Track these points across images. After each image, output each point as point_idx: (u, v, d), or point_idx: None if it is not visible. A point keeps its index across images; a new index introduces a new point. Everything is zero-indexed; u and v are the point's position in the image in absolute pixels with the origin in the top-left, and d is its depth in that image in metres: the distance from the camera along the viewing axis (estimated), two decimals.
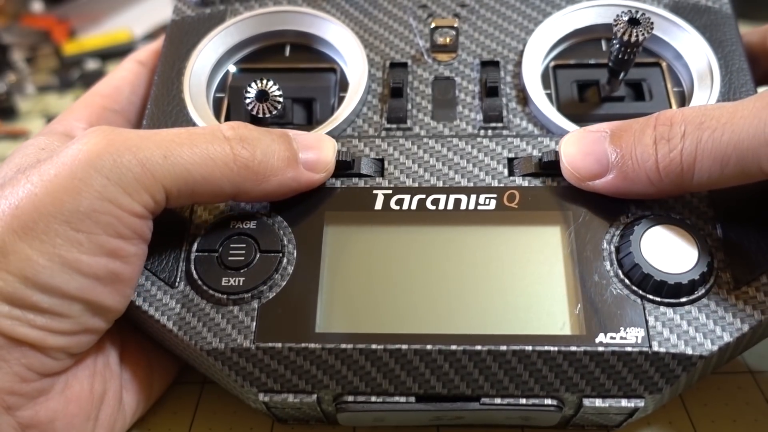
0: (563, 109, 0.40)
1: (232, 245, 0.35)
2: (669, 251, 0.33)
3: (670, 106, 0.40)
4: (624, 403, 0.32)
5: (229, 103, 0.42)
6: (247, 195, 0.34)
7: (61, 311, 0.30)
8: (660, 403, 0.34)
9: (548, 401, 0.32)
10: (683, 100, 0.40)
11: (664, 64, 0.41)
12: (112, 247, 0.31)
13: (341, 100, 0.41)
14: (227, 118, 0.41)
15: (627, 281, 0.33)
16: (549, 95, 0.40)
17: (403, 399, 0.33)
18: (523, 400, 0.32)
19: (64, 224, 0.29)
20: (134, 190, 0.31)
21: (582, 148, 0.34)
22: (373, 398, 0.33)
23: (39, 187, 0.30)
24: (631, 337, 0.32)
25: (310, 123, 0.41)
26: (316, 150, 0.35)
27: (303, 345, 0.32)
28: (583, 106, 0.40)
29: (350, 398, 0.33)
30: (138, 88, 0.43)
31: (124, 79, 0.43)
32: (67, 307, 0.30)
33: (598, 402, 0.32)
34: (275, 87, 0.38)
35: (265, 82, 0.37)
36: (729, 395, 0.38)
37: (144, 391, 0.38)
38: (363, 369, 0.32)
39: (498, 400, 0.32)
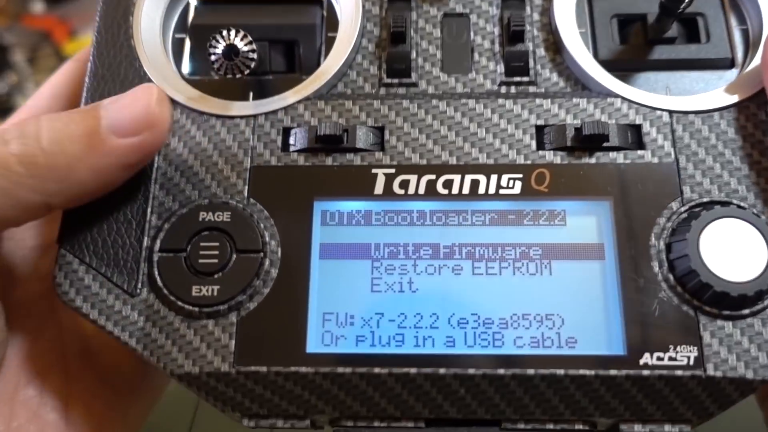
0: (600, 54, 0.32)
1: (202, 243, 0.29)
2: (733, 252, 0.27)
3: (732, 49, 0.33)
4: (668, 428, 0.28)
5: (192, 48, 0.34)
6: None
7: None
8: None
9: (579, 426, 0.28)
10: (748, 41, 0.33)
11: None
12: None
13: (330, 41, 0.34)
14: (192, 67, 0.34)
15: (679, 288, 0.27)
16: (584, 35, 0.33)
17: (411, 424, 0.28)
18: (551, 425, 0.28)
19: None
20: None
21: None
22: (376, 423, 0.28)
23: None
24: (681, 357, 0.27)
25: (292, 70, 0.34)
26: (128, 109, 0.28)
27: (292, 369, 0.27)
28: (625, 51, 0.33)
29: (350, 423, 0.28)
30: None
31: (58, 84, 0.36)
32: None
33: (638, 427, 0.28)
34: (246, 41, 0.30)
35: (233, 33, 0.30)
36: None
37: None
38: (364, 394, 0.28)
39: (521, 425, 0.28)
